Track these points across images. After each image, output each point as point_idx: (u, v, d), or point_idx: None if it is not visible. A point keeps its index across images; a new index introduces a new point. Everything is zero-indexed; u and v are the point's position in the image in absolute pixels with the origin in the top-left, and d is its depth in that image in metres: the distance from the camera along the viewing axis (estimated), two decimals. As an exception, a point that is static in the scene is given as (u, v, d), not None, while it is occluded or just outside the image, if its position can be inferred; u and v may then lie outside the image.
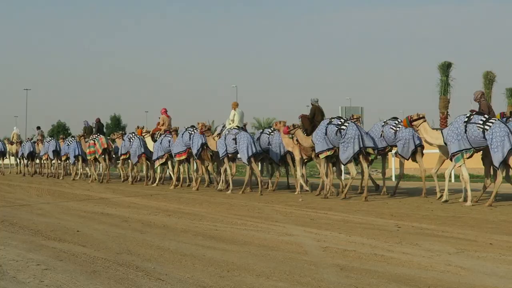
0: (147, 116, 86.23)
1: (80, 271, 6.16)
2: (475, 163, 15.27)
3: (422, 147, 15.08)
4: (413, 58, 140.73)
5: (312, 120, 15.88)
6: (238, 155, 17.29)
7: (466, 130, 12.46)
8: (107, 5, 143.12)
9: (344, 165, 14.69)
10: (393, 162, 20.72)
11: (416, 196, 15.02)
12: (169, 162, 20.72)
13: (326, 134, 14.40)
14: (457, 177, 20.10)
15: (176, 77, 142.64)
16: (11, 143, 32.81)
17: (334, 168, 15.54)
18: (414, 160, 15.31)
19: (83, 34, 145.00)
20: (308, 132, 15.75)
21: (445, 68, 34.40)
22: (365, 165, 14.49)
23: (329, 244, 7.67)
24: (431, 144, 14.02)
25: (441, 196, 13.58)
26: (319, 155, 14.80)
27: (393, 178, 21.46)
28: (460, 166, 12.74)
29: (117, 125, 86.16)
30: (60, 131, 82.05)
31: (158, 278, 5.81)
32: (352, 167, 14.43)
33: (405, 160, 15.45)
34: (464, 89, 57.77)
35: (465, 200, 12.85)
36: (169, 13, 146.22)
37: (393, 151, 16.37)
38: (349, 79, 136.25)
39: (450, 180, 13.85)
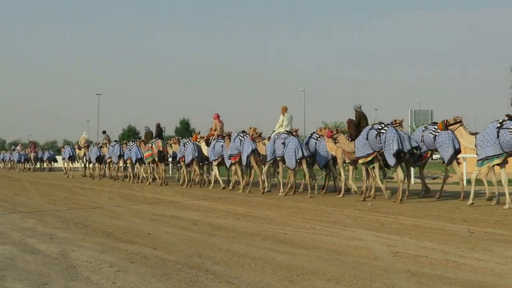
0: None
1: (151, 273, 6.25)
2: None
3: (459, 152, 15.00)
4: (485, 61, 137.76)
5: (358, 125, 15.91)
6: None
7: (498, 136, 12.51)
8: (179, 9, 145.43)
9: (394, 167, 14.56)
10: (464, 167, 20.24)
11: (479, 199, 14.62)
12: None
13: (367, 139, 14.71)
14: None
15: (243, 81, 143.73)
16: (79, 147, 34.21)
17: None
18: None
19: (153, 38, 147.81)
20: (353, 137, 15.92)
21: (517, 70, 33.57)
22: (399, 168, 14.48)
23: (400, 249, 7.56)
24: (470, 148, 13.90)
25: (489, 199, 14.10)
26: (358, 161, 15.37)
27: (465, 183, 21.00)
28: (480, 170, 13.08)
29: (186, 129, 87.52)
30: (131, 135, 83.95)
31: (228, 281, 5.85)
32: (400, 170, 14.33)
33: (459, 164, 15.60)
34: (538, 91, 56.29)
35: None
36: (237, 21, 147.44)
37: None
38: (418, 82, 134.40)
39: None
